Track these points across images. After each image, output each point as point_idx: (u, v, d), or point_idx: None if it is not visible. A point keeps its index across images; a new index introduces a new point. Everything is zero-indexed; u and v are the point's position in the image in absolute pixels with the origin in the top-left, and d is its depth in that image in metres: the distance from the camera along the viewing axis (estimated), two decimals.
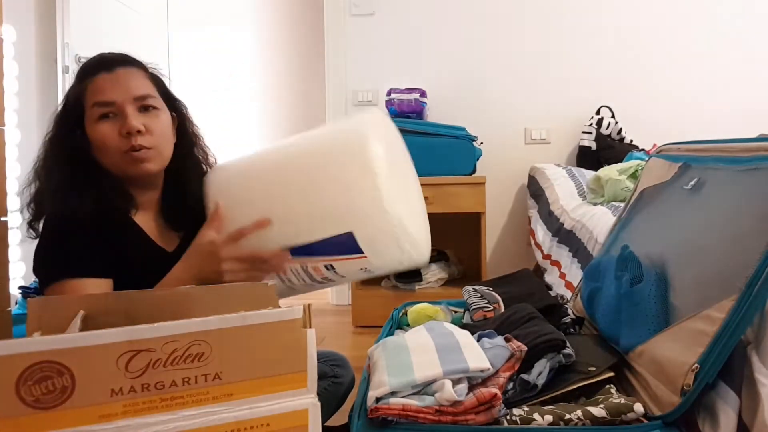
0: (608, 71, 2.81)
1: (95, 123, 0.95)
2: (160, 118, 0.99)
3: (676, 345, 0.76)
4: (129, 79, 0.97)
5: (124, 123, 0.94)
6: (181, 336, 0.57)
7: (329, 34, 2.89)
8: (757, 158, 0.78)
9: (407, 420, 0.74)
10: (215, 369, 0.58)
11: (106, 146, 0.95)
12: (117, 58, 1.00)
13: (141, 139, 0.95)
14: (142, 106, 0.97)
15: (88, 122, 0.96)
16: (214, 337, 0.58)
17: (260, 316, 0.60)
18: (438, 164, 2.43)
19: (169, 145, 1.02)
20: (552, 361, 0.84)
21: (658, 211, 1.05)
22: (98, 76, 0.96)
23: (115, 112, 0.95)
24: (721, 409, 0.69)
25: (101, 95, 0.95)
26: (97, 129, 0.95)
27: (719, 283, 0.72)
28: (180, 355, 0.57)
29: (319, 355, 1.17)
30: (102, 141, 0.95)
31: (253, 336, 0.60)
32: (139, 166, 0.97)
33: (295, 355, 0.61)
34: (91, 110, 0.95)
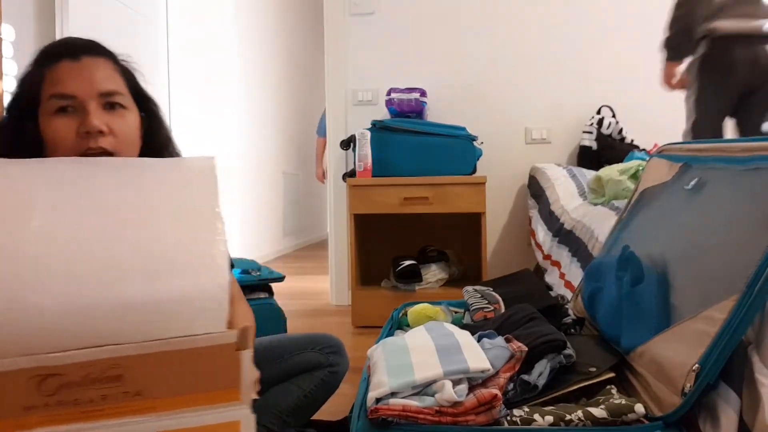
0: (609, 71, 2.81)
1: (50, 116, 0.83)
2: (125, 119, 0.88)
3: (677, 345, 0.76)
4: (95, 70, 0.85)
5: (85, 121, 0.82)
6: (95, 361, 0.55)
7: (329, 33, 2.89)
8: (758, 158, 0.78)
9: (407, 421, 0.74)
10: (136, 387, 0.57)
11: (60, 144, 0.83)
12: (85, 44, 0.88)
13: (102, 141, 0.83)
14: (107, 103, 0.85)
15: (43, 114, 0.84)
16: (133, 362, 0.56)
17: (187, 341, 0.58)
18: (438, 164, 2.43)
19: (133, 149, 0.90)
20: (552, 362, 0.84)
21: (659, 211, 1.05)
22: (60, 63, 0.84)
23: (74, 107, 0.83)
24: (722, 409, 0.69)
25: (61, 86, 0.83)
26: (52, 123, 0.83)
27: (720, 284, 0.72)
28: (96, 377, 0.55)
29: (315, 343, 1.15)
30: (55, 138, 0.83)
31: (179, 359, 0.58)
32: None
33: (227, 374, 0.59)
34: (48, 102, 0.83)
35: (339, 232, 2.92)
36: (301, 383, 1.12)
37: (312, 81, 5.78)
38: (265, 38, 4.86)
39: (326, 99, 2.94)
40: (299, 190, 5.57)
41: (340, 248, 2.92)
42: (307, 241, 5.83)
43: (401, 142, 2.45)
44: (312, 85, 5.77)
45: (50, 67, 0.84)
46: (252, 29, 4.61)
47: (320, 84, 3.47)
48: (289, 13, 5.39)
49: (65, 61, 0.84)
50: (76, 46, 0.86)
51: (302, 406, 1.12)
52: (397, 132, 2.47)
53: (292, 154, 5.39)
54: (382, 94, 2.82)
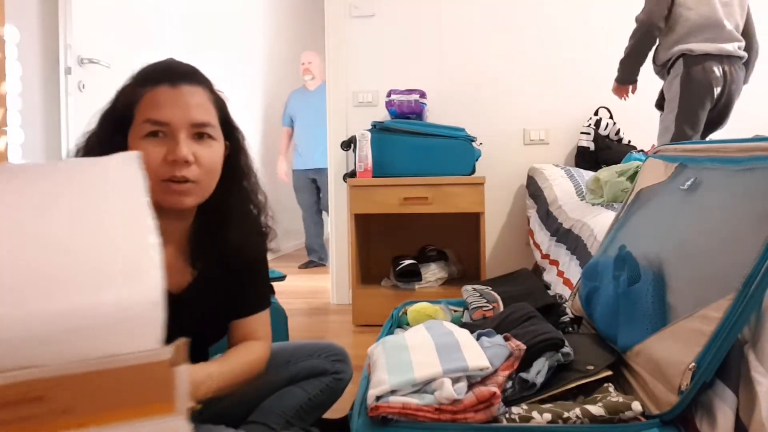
0: (606, 72, 2.81)
1: (141, 138, 0.84)
2: (213, 149, 0.88)
3: (674, 344, 0.76)
4: (192, 99, 0.86)
5: (174, 149, 0.84)
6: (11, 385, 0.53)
7: (330, 35, 2.90)
8: (753, 158, 0.78)
9: (407, 418, 0.75)
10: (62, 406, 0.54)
11: (147, 167, 0.80)
12: (185, 71, 0.89)
13: (187, 171, 0.84)
14: (197, 133, 0.86)
15: (133, 134, 0.85)
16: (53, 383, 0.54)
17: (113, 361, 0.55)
18: (437, 164, 2.43)
19: (214, 179, 0.91)
20: (551, 360, 0.85)
21: (655, 211, 1.06)
22: (159, 87, 0.85)
23: (165, 133, 0.84)
24: (719, 407, 0.69)
25: (157, 112, 0.84)
26: (141, 146, 0.83)
27: (716, 283, 0.73)
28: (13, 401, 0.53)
29: (319, 350, 1.18)
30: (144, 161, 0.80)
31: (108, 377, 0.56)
32: (175, 198, 0.86)
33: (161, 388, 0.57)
34: (142, 124, 0.84)
35: (340, 232, 2.93)
36: (306, 387, 1.14)
37: None
38: (265, 40, 4.86)
39: (327, 100, 2.95)
40: None
41: (340, 248, 2.93)
42: None
43: (401, 143, 2.46)
44: None
45: (149, 89, 0.85)
46: (253, 32, 4.61)
47: None
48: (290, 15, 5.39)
49: (164, 86, 0.85)
50: (176, 71, 0.88)
51: (306, 409, 1.14)
52: (397, 133, 2.48)
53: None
54: (382, 95, 2.83)
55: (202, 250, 0.95)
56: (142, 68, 0.90)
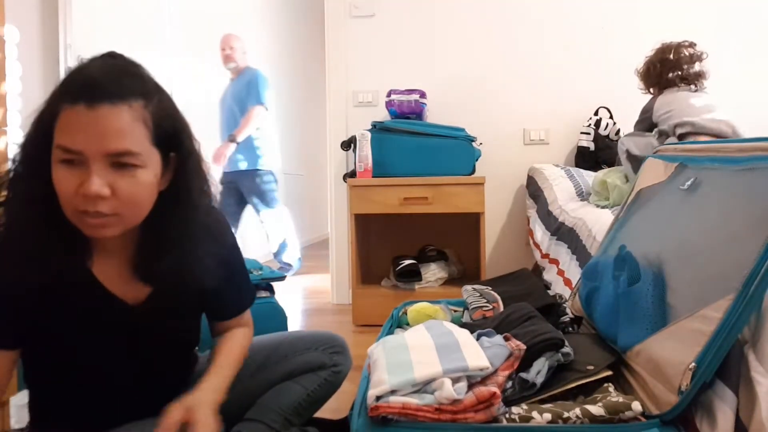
0: (606, 72, 2.81)
1: (56, 163, 0.76)
2: (136, 179, 0.78)
3: (674, 344, 0.76)
4: (111, 124, 0.74)
5: (85, 182, 0.74)
6: None
7: (330, 35, 2.90)
8: (753, 158, 0.78)
9: (407, 418, 0.75)
10: None
11: (62, 196, 0.76)
12: (108, 87, 0.75)
13: (100, 205, 0.76)
14: (116, 163, 0.76)
15: (54, 158, 0.76)
16: None
17: None
18: (437, 164, 2.44)
19: (140, 209, 0.81)
20: (551, 360, 0.84)
21: (655, 211, 1.06)
22: (76, 106, 0.74)
23: (79, 161, 0.75)
24: (719, 407, 0.69)
25: (69, 138, 0.74)
26: (56, 172, 0.76)
27: (716, 283, 0.73)
28: None
29: (317, 342, 1.16)
30: (59, 189, 0.76)
31: None
32: (92, 230, 0.79)
33: None
34: (56, 149, 0.75)
35: (340, 232, 2.93)
36: (304, 382, 1.13)
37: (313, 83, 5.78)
38: (266, 40, 4.86)
39: (327, 100, 2.95)
40: (300, 191, 5.57)
41: (340, 248, 2.93)
42: (308, 241, 5.83)
43: (401, 143, 2.46)
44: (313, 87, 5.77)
45: (66, 106, 0.75)
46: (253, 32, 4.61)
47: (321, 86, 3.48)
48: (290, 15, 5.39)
49: (80, 107, 0.74)
50: (98, 88, 0.75)
51: (305, 404, 1.13)
52: (397, 133, 2.48)
53: (293, 154, 5.39)
54: (382, 95, 2.83)
55: (144, 268, 0.89)
56: (69, 74, 0.79)
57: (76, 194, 0.75)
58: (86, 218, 0.77)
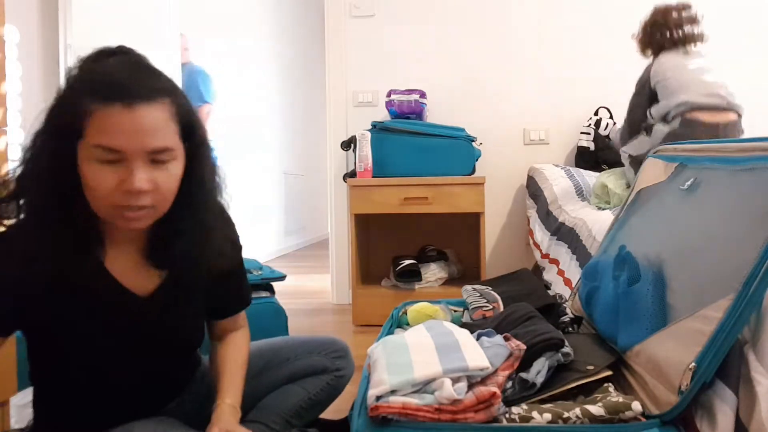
0: (606, 72, 2.81)
1: (92, 162, 0.77)
2: (170, 172, 0.81)
3: (674, 344, 0.76)
4: (149, 123, 0.77)
5: (129, 178, 0.77)
6: None
7: (330, 35, 2.90)
8: (753, 158, 0.78)
9: (407, 418, 0.75)
10: None
11: (99, 193, 0.78)
12: (140, 86, 0.77)
13: (143, 199, 0.79)
14: (154, 159, 0.79)
15: (84, 154, 0.77)
16: None
17: None
18: (437, 164, 2.44)
19: (171, 198, 0.85)
20: (551, 360, 0.84)
21: (655, 211, 1.06)
22: (113, 106, 0.75)
23: (119, 159, 0.77)
24: (719, 408, 0.69)
25: (110, 138, 0.75)
26: (94, 171, 0.77)
27: (716, 283, 0.73)
28: None
29: (320, 347, 1.17)
30: (97, 187, 0.78)
31: None
32: (129, 223, 0.81)
33: None
34: (93, 148, 0.76)
35: (340, 232, 2.93)
36: (306, 386, 1.13)
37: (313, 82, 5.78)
38: (266, 40, 4.86)
39: (327, 100, 2.95)
40: (300, 190, 5.57)
41: (340, 248, 2.93)
42: (308, 241, 5.83)
43: (401, 143, 2.46)
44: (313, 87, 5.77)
45: (101, 107, 0.75)
46: (253, 32, 4.62)
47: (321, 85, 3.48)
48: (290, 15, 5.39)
49: (118, 107, 0.75)
50: (133, 88, 0.77)
51: (306, 408, 1.13)
52: (396, 133, 2.48)
53: (293, 154, 5.40)
54: (382, 95, 2.83)
55: (159, 253, 0.90)
56: (93, 72, 0.80)
57: (116, 190, 0.77)
58: (126, 212, 0.79)
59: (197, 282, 0.96)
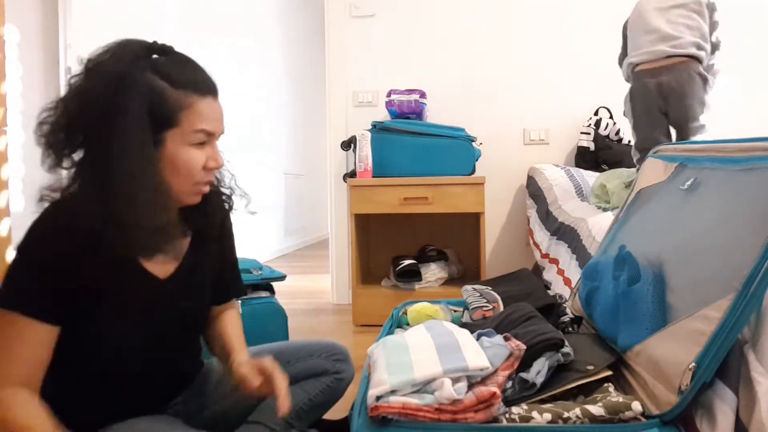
0: (606, 72, 2.81)
1: (186, 146, 0.88)
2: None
3: (674, 344, 0.76)
4: (222, 111, 0.94)
5: (214, 157, 0.92)
6: None
7: (330, 35, 2.90)
8: (753, 158, 0.78)
9: (407, 418, 0.75)
10: None
11: (190, 172, 0.90)
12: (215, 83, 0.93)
13: (214, 174, 0.96)
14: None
15: (178, 138, 0.87)
16: None
17: None
18: (437, 164, 2.44)
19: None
20: (551, 360, 0.84)
21: (655, 211, 1.06)
22: (206, 98, 0.89)
23: (206, 143, 0.91)
24: (719, 407, 0.69)
25: (208, 123, 0.89)
26: (188, 152, 0.89)
27: (716, 283, 0.73)
28: None
29: (320, 350, 1.18)
30: (189, 166, 0.89)
31: None
32: (198, 197, 0.95)
33: None
34: (193, 133, 0.88)
35: (340, 232, 2.93)
36: (306, 387, 1.15)
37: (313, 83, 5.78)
38: (266, 40, 4.86)
39: (327, 100, 2.95)
40: (300, 191, 5.57)
41: (340, 248, 2.93)
42: (308, 241, 5.83)
43: (401, 143, 2.46)
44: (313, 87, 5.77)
45: (197, 98, 0.88)
46: (253, 32, 4.61)
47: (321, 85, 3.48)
48: (290, 14, 5.39)
49: (209, 99, 0.90)
50: (214, 84, 0.93)
51: (306, 408, 1.14)
52: (397, 133, 2.48)
53: (293, 155, 5.40)
54: (382, 95, 2.83)
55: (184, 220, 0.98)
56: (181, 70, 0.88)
57: (202, 168, 0.91)
58: (202, 187, 0.94)
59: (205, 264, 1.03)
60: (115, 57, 0.86)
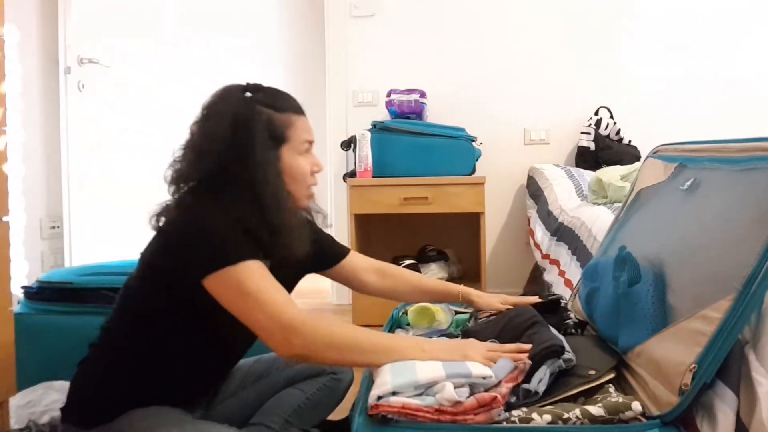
0: (607, 72, 2.81)
1: (297, 155, 1.05)
2: None
3: (674, 345, 0.76)
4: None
5: (317, 163, 1.09)
6: None
7: (330, 35, 2.90)
8: (753, 158, 0.78)
9: (406, 418, 0.75)
10: None
11: (304, 176, 1.06)
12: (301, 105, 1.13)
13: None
14: None
15: (291, 150, 1.04)
16: None
17: None
18: (438, 164, 2.43)
19: None
20: (552, 367, 0.84)
21: (655, 211, 1.06)
22: (302, 116, 1.09)
23: (309, 151, 1.08)
24: (719, 408, 0.69)
25: (309, 134, 1.08)
26: (300, 160, 1.05)
27: (716, 283, 0.73)
28: None
29: None
30: (303, 171, 1.06)
31: None
32: (310, 200, 1.10)
33: None
34: (301, 144, 1.06)
35: (340, 232, 2.92)
36: (303, 387, 1.18)
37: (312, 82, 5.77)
38: (265, 39, 4.86)
39: (327, 100, 2.95)
40: None
41: None
42: None
43: (401, 143, 2.46)
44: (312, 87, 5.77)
45: (296, 117, 1.07)
46: (253, 32, 4.61)
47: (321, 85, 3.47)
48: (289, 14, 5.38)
49: (303, 116, 1.09)
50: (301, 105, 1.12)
51: (305, 408, 1.16)
52: (397, 133, 2.48)
53: None
54: (382, 95, 2.83)
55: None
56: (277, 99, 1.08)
57: (310, 174, 1.07)
58: (312, 190, 1.09)
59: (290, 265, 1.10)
60: (224, 101, 1.05)
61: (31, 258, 2.32)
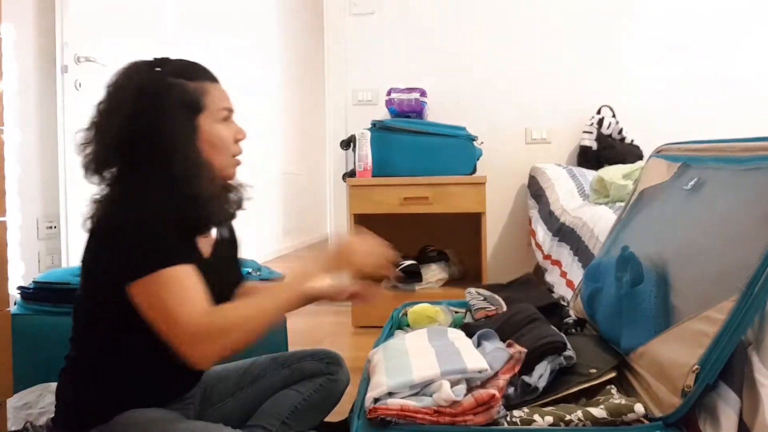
0: (609, 71, 2.80)
1: (216, 123, 1.00)
2: None
3: (677, 346, 0.75)
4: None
5: (239, 130, 1.04)
6: None
7: (329, 33, 2.89)
8: (757, 158, 0.77)
9: (405, 420, 0.74)
10: None
11: (226, 143, 1.01)
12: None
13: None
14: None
15: (210, 121, 0.99)
16: None
17: None
18: (438, 164, 2.43)
19: None
20: (553, 363, 0.84)
21: (658, 211, 1.05)
22: (217, 83, 1.03)
23: (229, 118, 1.03)
24: (722, 410, 0.69)
25: (227, 101, 1.03)
26: (220, 128, 1.00)
27: (719, 284, 0.72)
28: None
29: (313, 354, 1.23)
30: (223, 138, 1.01)
31: None
32: (234, 170, 1.06)
33: None
34: (218, 111, 1.01)
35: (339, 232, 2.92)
36: (300, 388, 1.18)
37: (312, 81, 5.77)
38: (265, 38, 4.86)
39: (326, 99, 2.95)
40: (299, 190, 5.57)
41: None
42: (307, 241, 5.82)
43: (401, 142, 2.45)
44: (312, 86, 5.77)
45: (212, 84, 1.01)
46: (252, 30, 4.61)
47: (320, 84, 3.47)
48: (289, 13, 5.38)
49: (218, 84, 1.03)
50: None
51: (301, 408, 1.16)
52: (397, 132, 2.47)
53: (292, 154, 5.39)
54: (382, 94, 2.82)
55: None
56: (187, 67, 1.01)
57: (233, 142, 1.03)
58: (237, 159, 1.05)
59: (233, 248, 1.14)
60: (128, 77, 0.97)
61: (27, 258, 2.31)
